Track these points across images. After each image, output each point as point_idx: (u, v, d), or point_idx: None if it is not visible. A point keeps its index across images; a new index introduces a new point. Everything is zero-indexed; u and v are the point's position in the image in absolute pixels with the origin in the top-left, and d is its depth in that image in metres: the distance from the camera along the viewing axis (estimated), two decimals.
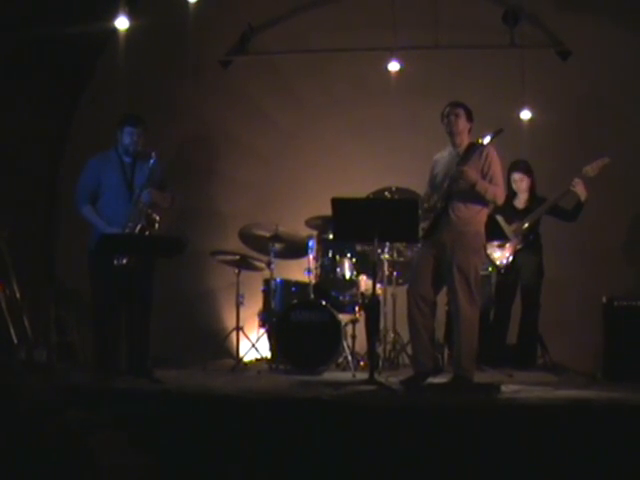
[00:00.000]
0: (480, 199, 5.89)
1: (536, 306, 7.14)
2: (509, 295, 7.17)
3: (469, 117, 5.99)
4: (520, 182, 7.15)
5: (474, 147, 5.92)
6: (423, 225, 5.95)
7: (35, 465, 3.48)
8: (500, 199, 5.99)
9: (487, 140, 5.89)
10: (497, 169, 5.97)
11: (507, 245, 6.99)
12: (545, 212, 7.08)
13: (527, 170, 7.14)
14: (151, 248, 6.19)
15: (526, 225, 7.04)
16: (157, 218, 6.15)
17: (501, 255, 7.04)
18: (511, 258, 7.04)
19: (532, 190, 7.21)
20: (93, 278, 6.30)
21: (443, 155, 6.13)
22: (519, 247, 7.04)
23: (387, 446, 4.67)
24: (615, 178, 7.80)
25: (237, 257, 7.55)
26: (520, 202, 7.18)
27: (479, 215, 5.96)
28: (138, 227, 6.11)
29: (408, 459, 4.62)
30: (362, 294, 7.22)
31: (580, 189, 6.89)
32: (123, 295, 6.21)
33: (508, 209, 6.91)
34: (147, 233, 6.12)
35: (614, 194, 7.91)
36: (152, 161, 6.20)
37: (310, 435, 4.77)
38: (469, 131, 6.03)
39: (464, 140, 5.97)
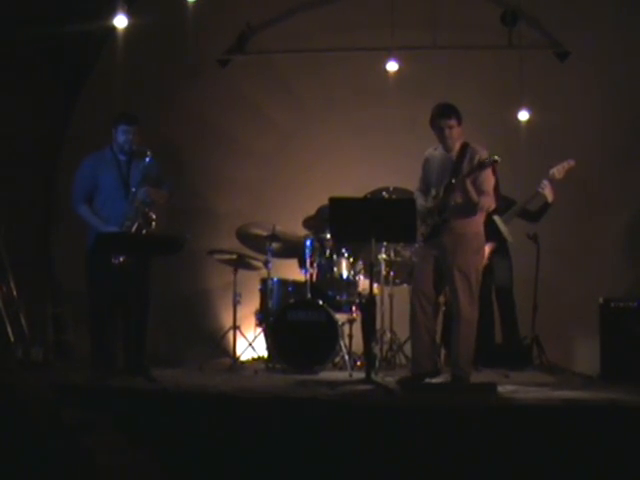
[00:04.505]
0: (474, 210, 5.89)
1: (513, 307, 7.20)
2: (488, 295, 7.16)
3: (460, 122, 5.94)
4: None
5: (467, 149, 5.91)
6: (422, 231, 5.94)
7: (33, 464, 3.48)
8: (490, 208, 6.02)
9: (478, 167, 5.84)
10: (487, 177, 5.95)
11: None
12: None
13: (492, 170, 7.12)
14: (149, 246, 6.19)
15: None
16: (154, 217, 6.15)
17: None
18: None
19: (496, 189, 7.21)
20: (90, 277, 6.30)
21: (434, 155, 6.09)
22: (491, 248, 7.00)
23: (384, 446, 4.68)
24: (610, 179, 7.84)
25: (234, 256, 7.55)
26: None
27: (478, 216, 5.96)
28: (135, 226, 6.11)
29: (404, 459, 4.63)
30: (359, 294, 7.22)
31: (548, 191, 6.92)
32: (120, 294, 6.20)
33: None
34: (144, 231, 6.12)
35: (610, 196, 7.94)
36: (148, 159, 6.20)
37: (307, 434, 4.77)
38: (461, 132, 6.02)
39: (457, 145, 5.97)
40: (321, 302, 7.02)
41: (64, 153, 8.32)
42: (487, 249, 6.93)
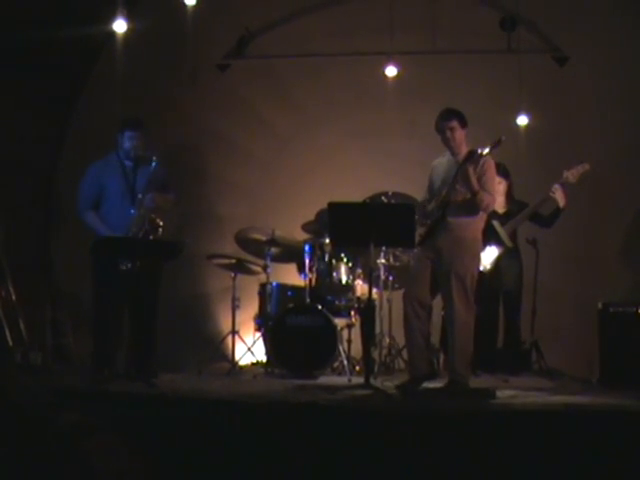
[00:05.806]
0: (475, 207, 5.89)
1: (519, 311, 7.16)
2: (495, 299, 7.15)
3: (463, 125, 5.97)
4: (498, 185, 7.10)
5: (473, 155, 5.92)
6: (420, 231, 5.95)
7: (31, 468, 3.48)
8: (490, 208, 6.03)
9: (487, 151, 5.86)
10: (491, 177, 5.96)
11: (486, 249, 6.94)
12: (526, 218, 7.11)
13: (505, 173, 7.12)
14: (148, 251, 6.18)
15: (509, 230, 7.04)
16: (160, 223, 6.14)
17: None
18: (490, 263, 6.99)
19: (509, 193, 7.22)
20: (95, 281, 6.28)
21: (441, 162, 6.13)
22: (500, 252, 7.00)
23: (382, 451, 4.67)
24: (610, 184, 7.83)
25: (233, 261, 7.55)
26: (500, 206, 7.13)
27: (477, 221, 5.96)
28: (142, 232, 6.09)
29: (403, 464, 4.62)
30: (358, 298, 7.22)
31: (559, 195, 6.87)
32: (126, 298, 6.18)
33: (490, 214, 6.90)
34: (150, 238, 6.10)
35: (609, 200, 7.93)
36: (154, 164, 6.18)
37: (305, 439, 4.76)
38: (465, 136, 6.03)
39: (463, 149, 5.97)
40: (320, 307, 7.02)
41: (64, 155, 8.33)
42: (495, 254, 6.94)
